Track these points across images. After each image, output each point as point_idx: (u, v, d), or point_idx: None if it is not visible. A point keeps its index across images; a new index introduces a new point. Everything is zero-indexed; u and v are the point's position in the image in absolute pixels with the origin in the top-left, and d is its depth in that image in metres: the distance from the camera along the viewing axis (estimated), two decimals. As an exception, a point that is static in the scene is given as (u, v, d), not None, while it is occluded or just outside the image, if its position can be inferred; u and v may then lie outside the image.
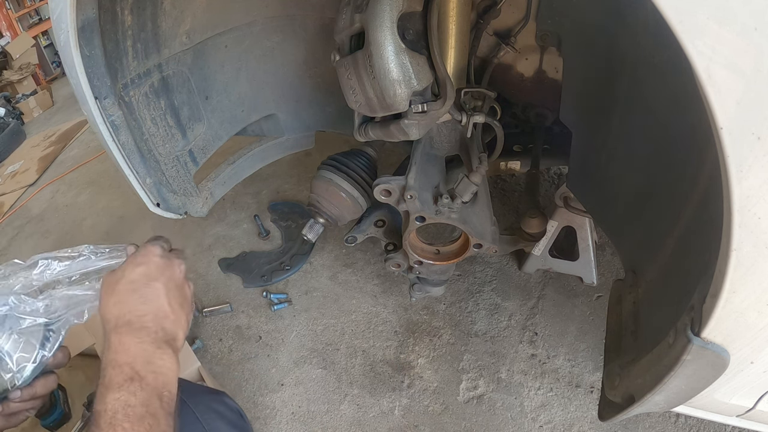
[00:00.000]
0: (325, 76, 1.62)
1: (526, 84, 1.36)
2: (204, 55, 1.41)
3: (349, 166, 1.45)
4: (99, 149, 3.29)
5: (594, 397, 1.49)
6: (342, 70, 1.06)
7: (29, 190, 3.22)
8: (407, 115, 1.02)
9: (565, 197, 1.50)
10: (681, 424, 1.39)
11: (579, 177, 1.22)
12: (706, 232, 0.63)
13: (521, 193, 2.19)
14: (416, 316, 1.79)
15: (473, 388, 1.57)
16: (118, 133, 1.19)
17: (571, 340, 1.64)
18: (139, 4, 1.12)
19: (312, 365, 1.71)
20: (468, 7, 1.09)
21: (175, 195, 1.43)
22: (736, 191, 0.48)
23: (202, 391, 0.88)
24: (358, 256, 2.06)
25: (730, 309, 0.56)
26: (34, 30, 5.41)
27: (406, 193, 1.10)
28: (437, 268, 1.37)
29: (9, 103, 4.58)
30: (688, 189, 0.72)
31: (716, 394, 0.72)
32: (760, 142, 0.45)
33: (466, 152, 1.20)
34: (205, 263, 2.17)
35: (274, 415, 1.58)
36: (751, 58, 0.43)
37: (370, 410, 1.56)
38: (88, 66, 1.06)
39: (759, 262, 0.51)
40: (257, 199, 2.48)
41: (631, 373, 0.77)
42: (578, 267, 1.73)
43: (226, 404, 0.95)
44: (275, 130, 1.80)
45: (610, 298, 1.00)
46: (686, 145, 0.72)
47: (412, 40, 0.97)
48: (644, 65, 0.81)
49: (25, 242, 2.66)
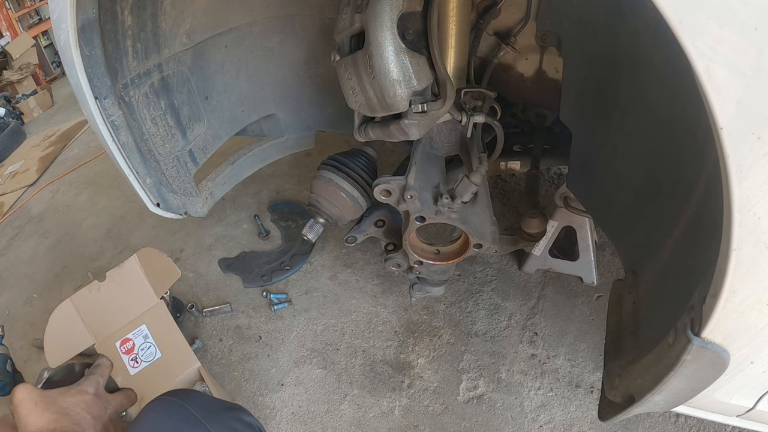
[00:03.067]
0: (325, 76, 1.62)
1: (526, 84, 1.36)
2: (204, 55, 1.41)
3: (349, 166, 1.45)
4: (99, 149, 3.30)
5: (594, 397, 1.49)
6: (342, 70, 1.06)
7: (29, 190, 3.22)
8: (407, 115, 1.02)
9: (565, 197, 1.50)
10: (681, 424, 1.39)
11: (579, 177, 1.22)
12: (706, 231, 0.63)
13: (521, 193, 2.19)
14: (416, 316, 1.79)
15: (473, 388, 1.57)
16: (118, 133, 1.19)
17: (571, 340, 1.64)
18: (139, 4, 1.12)
19: (312, 365, 1.71)
20: (468, 7, 1.09)
21: (175, 195, 1.44)
22: (736, 191, 0.48)
23: (218, 408, 0.85)
24: (358, 256, 2.06)
25: (730, 309, 0.56)
26: (34, 30, 5.42)
27: (406, 193, 1.10)
28: (437, 268, 1.37)
29: (9, 103, 4.58)
30: (688, 189, 0.72)
31: (716, 394, 0.72)
32: (760, 142, 0.45)
33: (466, 152, 1.20)
34: (205, 263, 2.17)
35: (274, 415, 1.59)
36: (751, 58, 0.43)
37: (370, 410, 1.56)
38: (88, 66, 1.06)
39: (759, 262, 0.51)
40: (257, 199, 2.48)
41: (631, 373, 0.77)
42: (578, 267, 1.73)
43: (244, 421, 0.89)
44: (275, 130, 1.80)
45: (610, 298, 1.00)
46: (686, 145, 0.72)
47: (412, 40, 0.97)
48: (644, 65, 0.81)
49: (25, 242, 2.66)
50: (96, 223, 2.63)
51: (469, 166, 1.14)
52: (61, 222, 2.75)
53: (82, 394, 0.80)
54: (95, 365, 0.91)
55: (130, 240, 2.42)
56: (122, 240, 2.44)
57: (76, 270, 2.32)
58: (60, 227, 2.70)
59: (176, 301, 1.94)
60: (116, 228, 2.54)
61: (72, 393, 0.79)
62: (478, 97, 1.17)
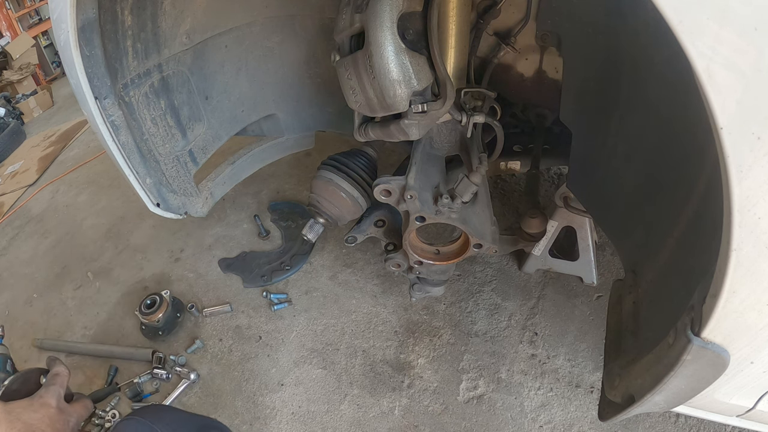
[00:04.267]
0: (325, 76, 1.62)
1: (526, 84, 1.36)
2: (204, 55, 1.41)
3: (349, 166, 1.45)
4: (99, 149, 3.29)
5: (594, 397, 1.49)
6: (342, 70, 1.06)
7: (29, 190, 3.22)
8: (407, 115, 1.02)
9: (565, 197, 1.50)
10: (681, 424, 1.39)
11: (579, 177, 1.22)
12: (706, 232, 0.63)
13: (521, 193, 2.19)
14: (416, 316, 1.79)
15: (473, 388, 1.57)
16: (118, 133, 1.19)
17: (571, 340, 1.64)
18: (139, 4, 1.12)
19: (312, 365, 1.71)
20: (468, 7, 1.09)
21: (175, 195, 1.44)
22: (736, 191, 0.48)
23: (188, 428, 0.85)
24: (358, 256, 2.06)
25: (730, 309, 0.56)
26: (34, 30, 5.41)
27: (406, 193, 1.10)
28: (437, 268, 1.37)
29: (9, 103, 4.58)
30: (688, 189, 0.72)
31: (716, 394, 0.72)
32: (760, 142, 0.45)
33: (466, 152, 1.20)
34: (205, 263, 2.17)
35: (274, 415, 1.59)
36: (751, 58, 0.43)
37: (370, 410, 1.55)
38: (88, 66, 1.06)
39: (759, 262, 0.51)
40: (257, 199, 2.48)
41: (631, 373, 0.77)
42: (578, 267, 1.73)
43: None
44: (275, 130, 1.80)
45: (610, 298, 1.00)
46: (686, 145, 0.72)
47: (412, 40, 0.97)
48: (644, 65, 0.81)
49: (25, 242, 2.66)
50: (96, 223, 2.63)
51: (469, 166, 1.14)
52: (61, 222, 2.75)
53: (46, 408, 0.78)
54: (53, 374, 0.88)
55: (130, 240, 2.42)
56: (122, 240, 2.44)
57: (76, 270, 2.32)
58: (60, 227, 2.70)
59: (176, 301, 1.94)
60: (116, 228, 2.54)
61: (36, 407, 0.78)
62: (478, 97, 1.17)
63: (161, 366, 1.74)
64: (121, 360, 1.82)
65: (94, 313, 2.05)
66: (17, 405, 0.77)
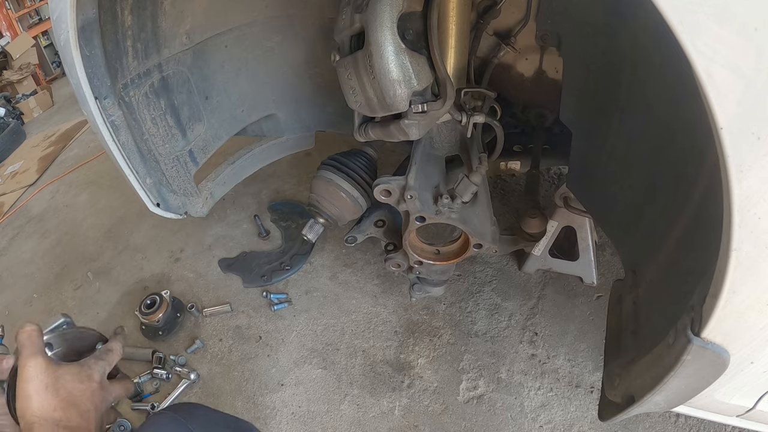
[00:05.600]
0: (325, 76, 1.62)
1: (526, 84, 1.36)
2: (204, 55, 1.41)
3: (349, 166, 1.45)
4: (99, 149, 3.29)
5: (594, 397, 1.49)
6: (342, 70, 1.06)
7: (29, 190, 3.22)
8: (407, 115, 1.02)
9: (565, 197, 1.50)
10: (681, 424, 1.39)
11: (579, 177, 1.22)
12: (706, 232, 0.63)
13: (521, 193, 2.19)
14: (416, 316, 1.79)
15: (473, 388, 1.57)
16: (118, 133, 1.19)
17: (571, 340, 1.64)
18: (139, 4, 1.12)
19: (312, 365, 1.71)
20: (468, 7, 1.09)
21: (175, 195, 1.44)
22: (736, 191, 0.48)
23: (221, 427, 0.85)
24: (358, 256, 2.06)
25: (730, 309, 0.56)
26: (34, 30, 5.42)
27: (406, 193, 1.10)
28: (437, 268, 1.37)
29: (9, 103, 4.58)
30: (688, 189, 0.72)
31: (716, 394, 0.72)
32: (760, 142, 0.45)
33: (466, 152, 1.20)
34: (205, 263, 2.17)
35: (274, 415, 1.59)
36: (751, 58, 0.43)
37: (370, 410, 1.55)
38: (88, 66, 1.06)
39: (759, 262, 0.51)
40: (257, 199, 2.48)
41: (631, 373, 0.77)
42: (578, 267, 1.73)
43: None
44: (275, 130, 1.80)
45: (610, 298, 1.00)
46: (686, 145, 0.72)
47: (412, 40, 0.96)
48: (644, 65, 0.81)
49: (25, 242, 2.66)
50: (96, 223, 2.63)
51: (469, 166, 1.14)
52: (61, 222, 2.75)
53: (90, 382, 0.78)
54: (107, 348, 0.88)
55: (130, 240, 2.42)
56: (122, 240, 2.44)
57: (76, 270, 2.32)
58: (60, 227, 2.70)
59: (176, 301, 1.95)
60: (116, 228, 2.54)
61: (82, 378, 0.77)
62: (478, 97, 1.17)
63: (161, 366, 1.74)
64: (121, 360, 1.82)
65: (94, 313, 2.05)
66: (66, 371, 0.75)
